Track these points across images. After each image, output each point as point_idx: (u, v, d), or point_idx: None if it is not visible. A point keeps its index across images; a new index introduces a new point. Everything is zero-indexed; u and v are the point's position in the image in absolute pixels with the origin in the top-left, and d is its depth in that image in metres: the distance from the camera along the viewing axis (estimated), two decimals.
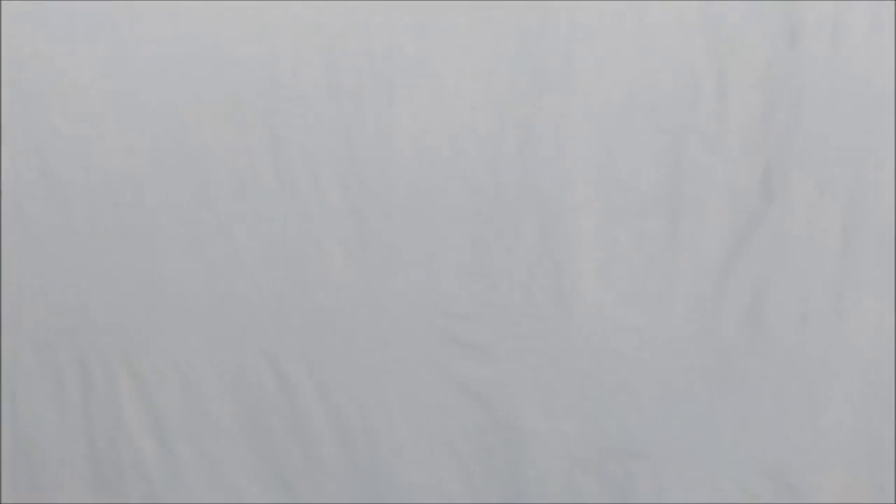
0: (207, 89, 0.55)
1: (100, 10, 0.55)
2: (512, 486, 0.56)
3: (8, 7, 0.55)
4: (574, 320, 0.55)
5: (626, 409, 0.56)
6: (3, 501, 0.61)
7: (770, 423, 0.54)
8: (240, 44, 0.57)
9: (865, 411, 0.58)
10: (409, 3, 0.58)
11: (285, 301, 0.57)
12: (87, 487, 0.60)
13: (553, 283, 0.56)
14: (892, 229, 0.56)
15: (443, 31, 0.59)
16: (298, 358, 0.57)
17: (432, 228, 0.59)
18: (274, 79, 0.57)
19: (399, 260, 0.56)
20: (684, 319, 0.55)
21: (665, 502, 0.54)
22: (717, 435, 0.54)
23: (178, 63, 0.56)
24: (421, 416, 0.58)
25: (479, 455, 0.56)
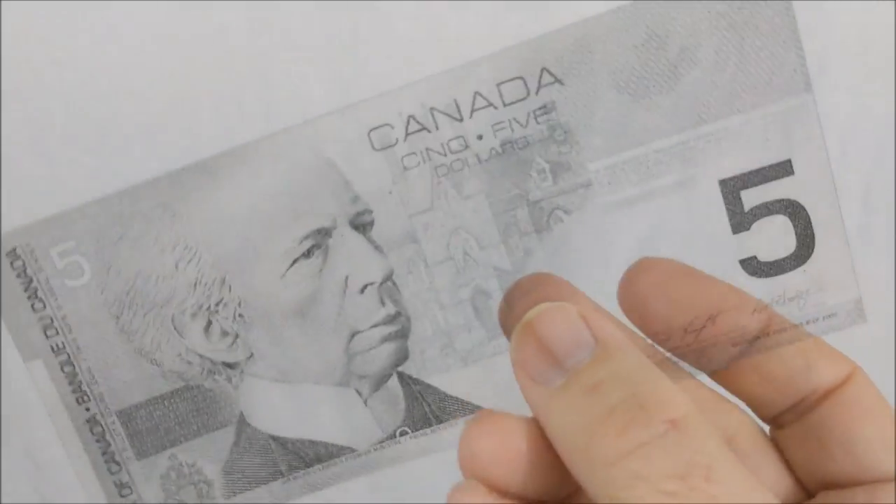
0: (195, 33, 0.47)
1: None
2: None
3: None
4: None
5: None
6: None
7: None
8: None
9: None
10: None
11: None
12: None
13: None
14: None
15: None
16: None
17: None
18: (266, 22, 0.48)
19: None
20: None
21: None
22: None
23: (165, 9, 0.48)
24: None
25: None
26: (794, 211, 0.26)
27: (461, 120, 0.25)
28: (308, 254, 0.26)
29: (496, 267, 0.27)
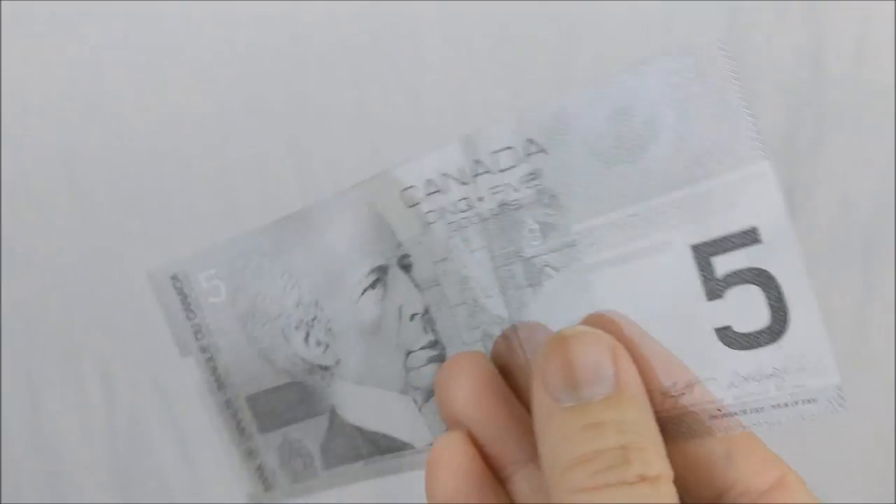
0: (231, 99, 0.56)
1: (122, 10, 0.57)
2: None
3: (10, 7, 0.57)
4: None
5: None
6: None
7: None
8: (265, 55, 0.56)
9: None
10: (437, 11, 0.55)
11: None
12: (108, 495, 0.65)
13: None
14: None
15: (469, 41, 0.56)
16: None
17: None
18: (299, 91, 0.56)
19: None
20: None
21: None
22: None
23: (203, 72, 0.57)
24: None
25: None
26: (765, 281, 0.25)
27: (466, 184, 0.29)
28: (373, 285, 0.32)
29: (499, 315, 0.30)
